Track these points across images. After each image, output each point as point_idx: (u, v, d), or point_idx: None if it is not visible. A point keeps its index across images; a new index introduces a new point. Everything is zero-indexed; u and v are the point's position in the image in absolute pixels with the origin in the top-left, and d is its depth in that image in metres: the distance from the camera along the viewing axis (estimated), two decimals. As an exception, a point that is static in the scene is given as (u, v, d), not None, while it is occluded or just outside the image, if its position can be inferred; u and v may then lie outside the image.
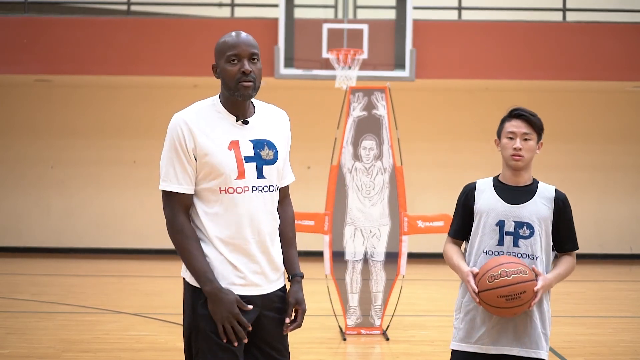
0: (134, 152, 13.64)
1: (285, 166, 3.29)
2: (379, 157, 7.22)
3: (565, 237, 3.74)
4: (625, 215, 13.81)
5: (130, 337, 7.07)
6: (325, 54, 11.07)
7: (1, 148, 13.68)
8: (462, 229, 3.81)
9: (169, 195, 3.12)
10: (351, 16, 11.71)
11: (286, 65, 11.25)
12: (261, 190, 3.14)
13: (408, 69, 11.30)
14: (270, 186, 3.16)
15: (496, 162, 4.43)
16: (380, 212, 7.22)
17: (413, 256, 10.43)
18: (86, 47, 11.78)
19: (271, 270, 3.19)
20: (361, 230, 7.23)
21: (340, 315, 7.35)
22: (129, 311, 8.33)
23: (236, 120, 3.15)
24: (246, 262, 3.12)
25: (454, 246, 3.84)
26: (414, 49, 11.35)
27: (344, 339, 7.10)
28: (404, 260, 7.19)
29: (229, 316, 3.04)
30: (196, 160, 3.09)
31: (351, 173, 7.22)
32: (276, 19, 11.37)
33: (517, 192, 3.72)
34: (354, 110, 7.26)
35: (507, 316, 3.59)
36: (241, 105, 3.16)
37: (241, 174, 3.10)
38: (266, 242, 3.16)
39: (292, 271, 3.28)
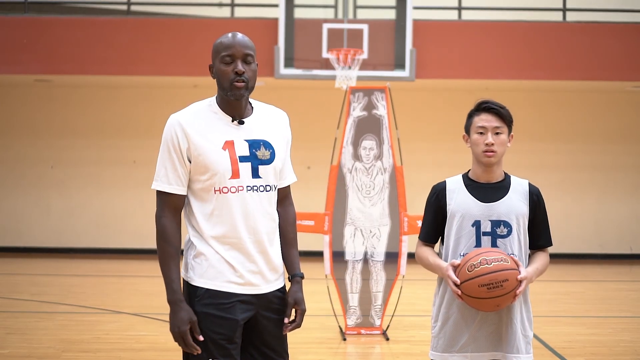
0: (134, 152, 13.64)
1: (285, 166, 3.29)
2: (379, 157, 7.22)
3: (539, 232, 3.56)
4: (625, 215, 13.81)
5: (130, 337, 7.07)
6: (325, 54, 11.07)
7: (1, 148, 13.68)
8: (434, 231, 3.63)
9: (159, 194, 3.16)
10: (351, 16, 11.70)
11: (286, 65, 11.25)
12: (257, 190, 3.14)
13: (408, 69, 11.30)
14: (266, 186, 3.16)
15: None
16: (380, 212, 7.22)
17: (413, 256, 10.38)
18: (86, 47, 11.78)
19: (269, 270, 3.18)
20: (361, 230, 7.23)
21: (340, 315, 7.34)
22: (129, 311, 8.32)
23: (232, 121, 3.16)
24: (243, 261, 3.12)
25: (427, 247, 3.66)
26: (414, 49, 11.35)
27: (344, 339, 7.10)
28: (404, 260, 7.19)
29: (177, 332, 3.15)
30: (190, 162, 3.11)
31: (351, 173, 7.22)
32: (276, 19, 11.37)
33: (490, 190, 3.54)
34: (354, 110, 7.25)
35: (489, 309, 3.40)
36: (237, 106, 3.16)
37: (235, 174, 3.11)
38: (264, 242, 3.15)
39: (292, 271, 3.28)
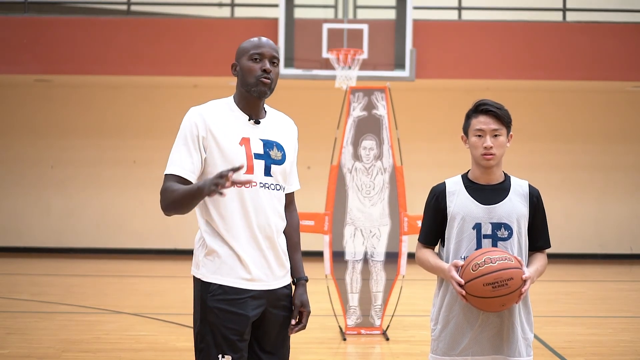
0: (134, 152, 13.64)
1: (292, 172, 3.38)
2: (379, 157, 7.22)
3: (538, 234, 3.52)
4: (626, 215, 13.81)
5: (130, 337, 7.06)
6: (325, 54, 11.07)
7: (1, 148, 13.68)
8: (434, 233, 3.58)
9: (167, 177, 3.16)
10: (351, 16, 11.70)
11: (286, 65, 11.25)
12: (268, 188, 3.21)
13: (408, 69, 11.30)
14: (277, 185, 3.25)
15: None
16: (380, 212, 7.22)
17: (413, 256, 10.38)
18: (86, 47, 11.78)
19: (278, 266, 3.26)
20: (361, 230, 7.23)
21: (340, 315, 7.34)
22: (129, 311, 8.32)
23: (248, 120, 3.24)
24: (253, 257, 3.19)
25: (428, 249, 3.61)
26: (414, 49, 11.35)
27: (344, 339, 7.09)
28: (404, 260, 7.18)
29: (213, 181, 2.90)
30: (205, 152, 3.16)
31: (351, 173, 7.22)
32: (276, 19, 11.37)
33: (490, 192, 3.49)
34: (354, 110, 7.25)
35: (494, 309, 3.35)
36: (255, 105, 3.25)
37: (250, 169, 3.18)
38: (273, 238, 3.23)
39: (297, 274, 3.36)
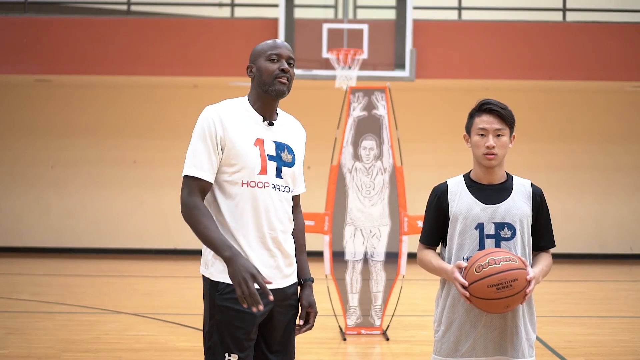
0: (134, 152, 13.64)
1: (299, 175, 3.42)
2: (379, 157, 7.22)
3: (542, 233, 3.49)
4: (626, 215, 13.81)
5: (130, 337, 7.06)
6: (325, 54, 11.07)
7: (1, 148, 13.68)
8: (436, 234, 3.55)
9: (187, 180, 3.19)
10: (351, 16, 11.70)
11: (286, 65, 11.23)
12: (279, 189, 3.26)
13: (408, 69, 11.30)
14: (286, 187, 3.30)
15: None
16: (380, 212, 7.21)
17: (413, 256, 10.38)
18: (86, 47, 11.77)
19: (286, 265, 3.29)
20: (361, 230, 7.23)
21: (340, 315, 7.34)
22: (129, 311, 8.32)
23: (262, 121, 3.27)
24: (262, 256, 3.21)
25: (429, 250, 3.58)
26: (414, 49, 11.34)
27: (344, 339, 7.09)
28: (404, 260, 7.18)
29: (246, 275, 2.99)
30: (222, 152, 3.18)
31: (351, 173, 7.22)
32: (276, 19, 11.37)
33: (492, 191, 3.47)
34: (354, 110, 7.25)
35: (498, 311, 3.33)
36: (270, 107, 3.29)
37: (263, 170, 3.22)
38: (282, 238, 3.27)
39: (303, 276, 3.41)
